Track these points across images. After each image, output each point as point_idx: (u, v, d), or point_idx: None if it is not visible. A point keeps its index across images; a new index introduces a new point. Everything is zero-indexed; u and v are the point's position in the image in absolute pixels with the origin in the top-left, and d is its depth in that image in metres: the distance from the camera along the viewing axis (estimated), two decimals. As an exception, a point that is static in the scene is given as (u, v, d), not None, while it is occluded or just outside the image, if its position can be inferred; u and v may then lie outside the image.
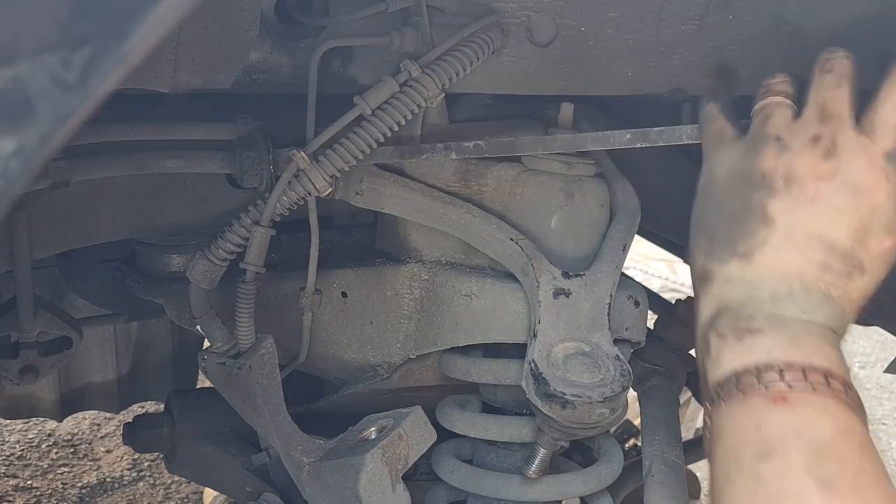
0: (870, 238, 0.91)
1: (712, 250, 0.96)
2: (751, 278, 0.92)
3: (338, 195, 1.15)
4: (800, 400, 0.83)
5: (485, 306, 1.16)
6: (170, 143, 1.14)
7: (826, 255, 0.91)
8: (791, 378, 0.84)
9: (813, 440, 0.80)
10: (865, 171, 0.91)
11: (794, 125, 0.95)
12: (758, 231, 0.92)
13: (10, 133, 0.50)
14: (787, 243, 0.91)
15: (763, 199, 0.92)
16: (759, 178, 0.93)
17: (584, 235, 1.18)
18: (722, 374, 0.88)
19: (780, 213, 0.91)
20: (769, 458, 0.80)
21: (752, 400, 0.85)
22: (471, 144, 1.10)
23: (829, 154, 0.92)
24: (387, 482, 1.00)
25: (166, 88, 0.97)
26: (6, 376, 1.36)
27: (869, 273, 0.92)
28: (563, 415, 1.03)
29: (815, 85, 0.97)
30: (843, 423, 0.82)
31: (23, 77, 0.49)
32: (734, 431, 0.85)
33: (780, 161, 0.93)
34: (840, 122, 0.93)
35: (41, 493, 2.67)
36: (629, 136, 1.05)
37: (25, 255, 1.16)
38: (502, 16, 1.05)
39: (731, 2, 1.08)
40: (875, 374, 3.64)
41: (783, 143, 0.93)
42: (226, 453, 1.38)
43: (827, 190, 0.91)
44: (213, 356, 1.17)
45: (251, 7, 0.95)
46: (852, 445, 0.81)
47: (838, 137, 0.92)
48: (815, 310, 0.90)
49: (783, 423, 0.82)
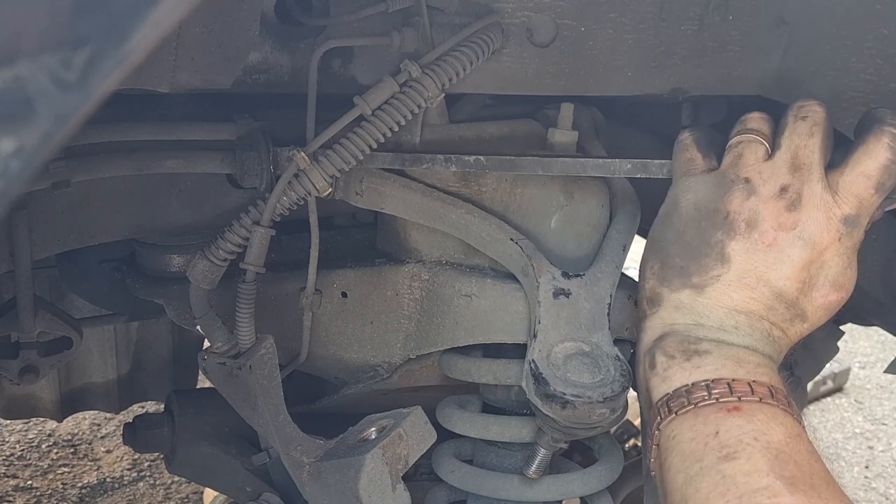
0: (815, 291, 0.98)
1: (665, 276, 1.01)
2: (700, 309, 0.98)
3: (338, 195, 1.15)
4: (752, 409, 0.89)
5: (485, 306, 1.16)
6: (170, 143, 1.14)
7: (773, 300, 0.97)
8: (739, 391, 0.90)
9: (770, 443, 0.86)
10: (822, 228, 0.97)
11: (764, 168, 0.99)
12: (713, 267, 0.98)
13: (10, 133, 0.50)
14: (739, 283, 0.97)
15: (723, 238, 0.98)
16: (722, 217, 0.98)
17: (584, 235, 1.18)
18: (670, 389, 0.94)
19: (738, 255, 0.97)
20: (733, 459, 0.85)
21: (705, 410, 0.90)
22: (471, 159, 1.10)
23: (792, 206, 0.97)
24: (387, 482, 1.00)
25: (166, 88, 0.97)
26: (6, 376, 1.36)
27: (810, 322, 1.00)
28: (564, 415, 1.03)
29: (788, 130, 1.01)
30: (791, 429, 0.88)
31: (23, 77, 0.49)
32: (691, 438, 0.89)
33: (746, 204, 0.98)
34: (809, 174, 0.98)
35: (41, 493, 2.67)
36: (629, 167, 1.09)
37: (25, 255, 1.16)
38: (502, 16, 1.05)
39: (731, 2, 1.08)
40: (875, 374, 3.64)
41: (752, 186, 0.98)
42: (226, 453, 1.38)
43: (784, 240, 0.96)
44: (213, 356, 1.17)
45: (251, 7, 0.95)
46: (802, 449, 0.87)
47: (804, 191, 0.97)
48: (757, 342, 0.97)
49: (740, 428, 0.87)
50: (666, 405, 0.93)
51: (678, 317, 0.99)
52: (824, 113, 1.01)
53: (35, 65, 0.49)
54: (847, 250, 0.98)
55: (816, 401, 3.43)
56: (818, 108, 1.01)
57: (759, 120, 1.04)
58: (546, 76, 1.10)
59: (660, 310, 1.00)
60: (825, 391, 3.48)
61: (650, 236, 1.05)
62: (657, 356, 0.97)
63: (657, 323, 1.00)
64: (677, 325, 0.98)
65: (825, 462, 0.89)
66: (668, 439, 0.92)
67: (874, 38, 1.05)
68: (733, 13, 1.09)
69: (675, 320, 0.99)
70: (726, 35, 1.11)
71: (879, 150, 0.97)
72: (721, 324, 0.97)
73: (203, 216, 1.24)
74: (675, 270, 1.00)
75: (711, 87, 1.15)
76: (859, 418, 3.35)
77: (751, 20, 1.10)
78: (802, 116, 1.01)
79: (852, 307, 1.41)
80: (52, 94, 0.49)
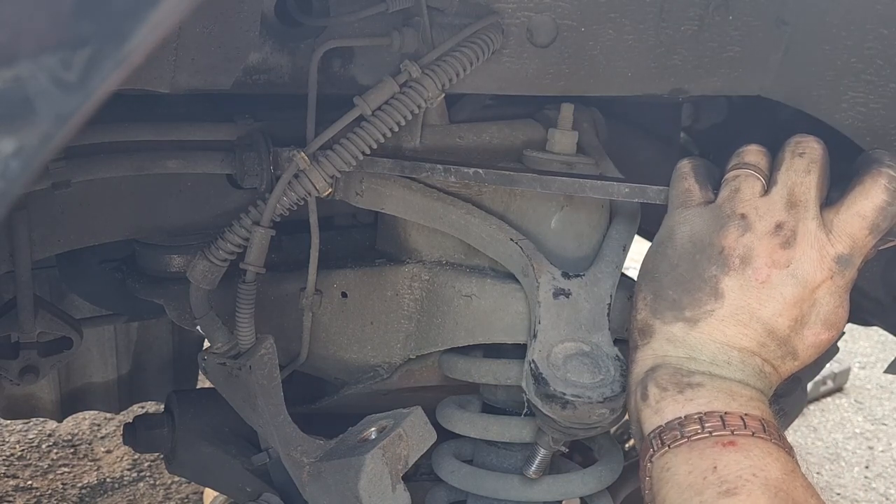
0: (806, 329, 0.98)
1: (658, 308, 1.01)
2: (693, 342, 0.98)
3: (338, 195, 1.15)
4: (747, 444, 0.89)
5: (485, 307, 1.16)
6: (170, 144, 1.14)
7: (765, 336, 0.97)
8: (732, 425, 0.90)
9: (768, 480, 0.86)
10: (816, 267, 0.97)
11: (760, 204, 1.00)
12: (707, 301, 0.98)
13: (10, 133, 0.50)
14: (733, 319, 0.97)
15: (718, 273, 0.98)
16: (717, 252, 0.99)
17: (584, 236, 1.18)
18: (662, 422, 0.94)
19: (731, 290, 0.97)
20: (734, 495, 0.85)
21: (700, 444, 0.90)
22: (471, 171, 1.10)
23: (786, 244, 0.97)
24: (387, 482, 1.00)
25: (167, 89, 0.97)
26: (6, 377, 1.36)
27: (800, 359, 1.00)
28: (563, 415, 1.03)
29: (785, 166, 1.01)
30: (786, 465, 0.88)
31: (23, 77, 0.49)
32: (688, 471, 0.89)
33: (741, 241, 0.98)
34: (804, 212, 0.98)
35: (41, 493, 2.67)
36: (627, 191, 1.09)
37: (26, 256, 1.16)
38: (502, 16, 1.05)
39: (731, 2, 1.08)
40: (875, 374, 3.64)
41: (748, 222, 0.98)
42: (226, 453, 1.38)
43: (777, 278, 0.97)
44: (213, 356, 1.17)
45: (251, 7, 0.95)
46: (798, 486, 0.87)
47: (799, 229, 0.98)
48: (749, 377, 0.97)
49: (738, 464, 0.87)
50: (658, 437, 0.93)
51: (670, 349, 0.99)
52: (822, 150, 1.02)
53: (35, 65, 0.49)
54: (839, 289, 0.98)
55: (816, 401, 3.43)
56: (816, 146, 1.02)
57: (757, 153, 1.04)
58: (546, 76, 1.10)
59: (651, 341, 1.00)
60: (825, 391, 3.48)
61: (643, 266, 1.05)
62: (649, 388, 0.97)
63: (649, 354, 1.00)
64: (669, 357, 0.98)
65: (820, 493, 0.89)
66: (661, 471, 0.91)
67: (874, 39, 1.05)
68: (733, 13, 1.09)
69: (668, 353, 0.99)
70: (726, 35, 1.11)
71: (876, 191, 0.97)
72: (713, 358, 0.97)
73: (203, 216, 1.24)
74: (668, 303, 1.00)
75: (711, 87, 1.15)
76: (859, 418, 3.35)
77: (751, 20, 1.10)
78: (800, 153, 1.01)
79: (852, 307, 1.41)
80: (52, 94, 0.49)
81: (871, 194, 0.98)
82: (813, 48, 1.09)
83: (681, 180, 1.06)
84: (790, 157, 1.01)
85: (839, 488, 2.93)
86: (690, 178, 1.05)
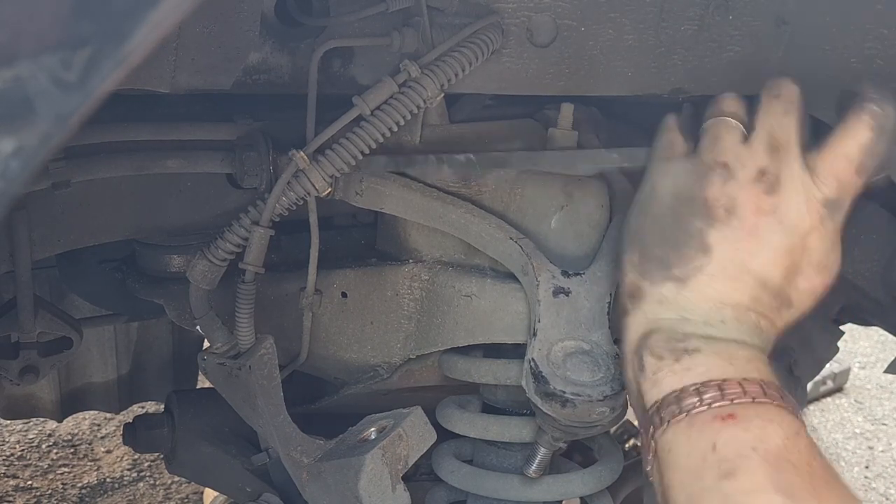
0: (799, 276, 0.95)
1: (646, 268, 0.97)
2: (684, 302, 0.95)
3: (338, 195, 1.15)
4: (746, 414, 0.86)
5: (485, 306, 1.16)
6: (170, 144, 1.14)
7: (758, 289, 0.94)
8: (731, 393, 0.87)
9: (768, 451, 0.83)
10: (803, 212, 0.94)
11: (742, 151, 0.96)
12: (694, 257, 0.94)
13: (10, 133, 0.50)
14: (722, 273, 0.94)
15: (703, 226, 0.94)
16: (701, 205, 0.95)
17: (584, 235, 1.18)
18: (660, 395, 0.91)
19: (718, 243, 0.94)
20: (734, 477, 0.83)
21: (699, 419, 0.87)
22: (462, 157, 1.10)
23: (771, 190, 0.94)
24: (387, 483, 1.00)
25: (166, 89, 0.97)
26: (6, 377, 1.36)
27: (796, 308, 0.97)
28: (563, 413, 1.03)
29: (763, 110, 0.98)
30: (788, 428, 0.85)
31: (23, 77, 0.49)
32: (688, 453, 0.87)
33: (724, 190, 0.94)
34: (787, 154, 0.95)
35: (41, 493, 2.67)
36: (617, 156, 1.08)
37: (25, 256, 1.16)
38: (502, 16, 1.05)
39: (731, 2, 1.08)
40: (875, 374, 3.64)
41: (729, 170, 0.95)
42: (226, 453, 1.38)
43: (765, 226, 0.93)
44: (212, 357, 1.17)
45: (251, 7, 0.95)
46: (801, 448, 0.84)
47: (783, 173, 0.94)
48: (745, 335, 0.94)
49: (737, 439, 0.85)
50: (658, 413, 0.90)
51: (662, 312, 0.95)
52: (798, 90, 0.98)
53: (35, 65, 0.49)
54: (829, 233, 0.95)
55: (816, 401, 3.43)
56: (791, 86, 0.99)
57: (734, 102, 1.01)
58: (546, 76, 1.10)
59: (642, 304, 0.97)
60: (825, 391, 3.48)
61: (626, 226, 1.02)
62: (645, 357, 0.94)
63: (640, 319, 0.96)
64: (662, 320, 0.95)
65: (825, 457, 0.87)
66: (665, 452, 0.89)
67: (874, 38, 1.05)
68: (733, 13, 1.09)
69: (659, 315, 0.95)
70: (726, 35, 1.11)
71: (860, 128, 0.94)
72: (707, 318, 0.94)
73: (203, 216, 1.24)
74: (656, 262, 0.96)
75: (711, 87, 1.15)
76: (859, 418, 3.35)
77: (751, 20, 1.10)
78: (776, 94, 0.98)
79: (852, 307, 1.41)
80: (52, 94, 0.49)
81: (855, 133, 0.94)
82: (813, 48, 1.09)
83: (665, 132, 1.03)
84: (767, 100, 0.98)
85: (839, 488, 2.92)
86: (675, 130, 1.02)
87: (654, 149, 1.03)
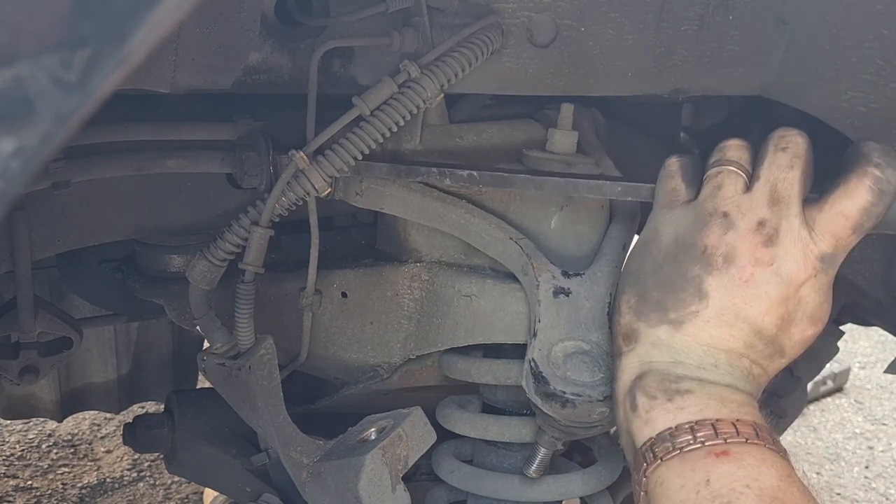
0: (793, 326, 0.97)
1: (642, 310, 0.99)
2: (679, 346, 0.96)
3: (337, 195, 1.15)
4: (740, 452, 0.87)
5: (485, 307, 1.16)
6: (170, 143, 1.14)
7: (752, 337, 0.96)
8: (725, 433, 0.89)
9: (763, 489, 0.84)
10: (800, 265, 0.96)
11: (743, 200, 0.98)
12: (691, 302, 0.96)
13: (10, 133, 0.50)
14: (718, 320, 0.95)
15: (701, 272, 0.96)
16: (700, 252, 0.97)
17: (584, 235, 1.18)
18: (653, 433, 0.92)
19: (715, 290, 0.96)
20: None
21: (692, 455, 0.88)
22: (465, 173, 1.10)
23: (769, 241, 0.96)
24: (387, 483, 1.00)
25: (167, 89, 0.97)
26: (6, 377, 1.36)
27: (787, 357, 0.99)
28: (564, 413, 1.03)
29: (768, 161, 0.99)
30: (781, 470, 0.87)
31: (23, 77, 0.49)
32: (681, 486, 0.87)
33: (724, 239, 0.96)
34: (787, 208, 0.97)
35: (41, 493, 2.67)
36: (621, 189, 1.08)
37: (25, 256, 1.16)
38: (502, 16, 1.05)
39: (731, 2, 1.08)
40: (875, 374, 3.64)
41: (730, 220, 0.97)
42: (226, 453, 1.38)
43: (761, 276, 0.95)
44: (212, 357, 1.17)
45: (251, 7, 0.95)
46: (795, 491, 0.86)
47: (782, 226, 0.96)
48: (737, 381, 0.96)
49: (731, 475, 0.85)
50: (651, 450, 0.91)
51: (656, 354, 0.97)
52: (806, 144, 1.00)
53: (35, 65, 0.49)
54: (823, 286, 0.97)
55: (816, 401, 3.43)
56: (799, 140, 1.00)
57: (739, 148, 1.02)
58: (546, 76, 1.10)
59: (637, 346, 0.98)
60: (825, 391, 3.48)
61: (626, 267, 1.04)
62: (638, 397, 0.95)
63: (634, 361, 0.98)
64: (655, 363, 0.96)
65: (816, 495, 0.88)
66: (655, 485, 0.89)
67: (874, 38, 1.05)
68: (733, 13, 1.09)
69: (653, 358, 0.97)
70: (726, 35, 1.11)
71: (860, 191, 0.96)
72: (700, 362, 0.95)
73: (203, 216, 1.24)
74: (652, 305, 0.98)
75: (712, 87, 1.15)
76: (859, 418, 3.35)
77: (751, 20, 1.10)
78: (783, 147, 0.99)
79: (852, 307, 1.41)
80: (52, 94, 0.49)
81: (855, 194, 0.96)
82: (813, 48, 1.09)
83: (667, 179, 1.04)
84: (773, 151, 1.00)
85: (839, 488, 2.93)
86: (677, 177, 1.04)
87: (657, 194, 1.05)
